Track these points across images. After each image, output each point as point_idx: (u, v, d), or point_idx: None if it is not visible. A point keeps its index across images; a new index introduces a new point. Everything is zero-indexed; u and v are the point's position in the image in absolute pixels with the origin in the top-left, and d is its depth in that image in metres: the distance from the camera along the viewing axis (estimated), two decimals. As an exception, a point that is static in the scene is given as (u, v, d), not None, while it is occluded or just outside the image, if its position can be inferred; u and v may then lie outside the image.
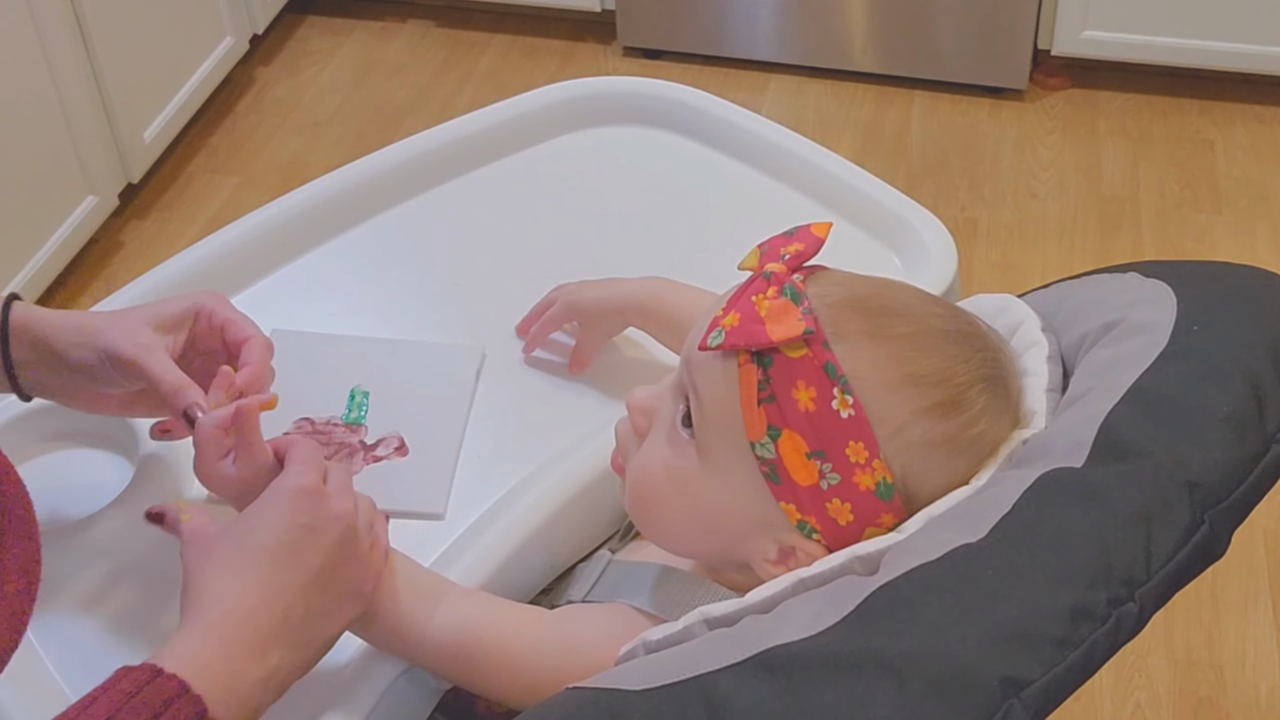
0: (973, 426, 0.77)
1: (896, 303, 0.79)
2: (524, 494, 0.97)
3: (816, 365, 0.74)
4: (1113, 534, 0.68)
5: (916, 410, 0.75)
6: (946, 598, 0.66)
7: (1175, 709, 1.68)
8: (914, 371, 0.76)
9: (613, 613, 0.84)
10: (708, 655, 0.69)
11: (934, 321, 0.79)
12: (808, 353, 0.74)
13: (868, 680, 0.63)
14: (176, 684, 0.72)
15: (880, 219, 1.21)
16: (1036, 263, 2.33)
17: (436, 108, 2.69)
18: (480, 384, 1.09)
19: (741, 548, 0.80)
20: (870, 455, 0.74)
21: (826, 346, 0.74)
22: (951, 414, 0.76)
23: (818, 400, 0.74)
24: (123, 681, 0.72)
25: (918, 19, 2.66)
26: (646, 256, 1.17)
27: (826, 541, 0.77)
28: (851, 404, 0.74)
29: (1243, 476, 0.72)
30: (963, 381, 0.77)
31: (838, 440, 0.74)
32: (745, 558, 0.80)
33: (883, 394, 0.75)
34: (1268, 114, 2.64)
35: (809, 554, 0.77)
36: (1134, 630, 0.67)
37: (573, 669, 0.77)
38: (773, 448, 0.75)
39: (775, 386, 0.74)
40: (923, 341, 0.77)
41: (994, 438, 0.78)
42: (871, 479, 0.75)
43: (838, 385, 0.74)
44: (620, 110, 1.36)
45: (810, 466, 0.75)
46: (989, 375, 0.78)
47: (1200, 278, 0.84)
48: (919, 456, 0.75)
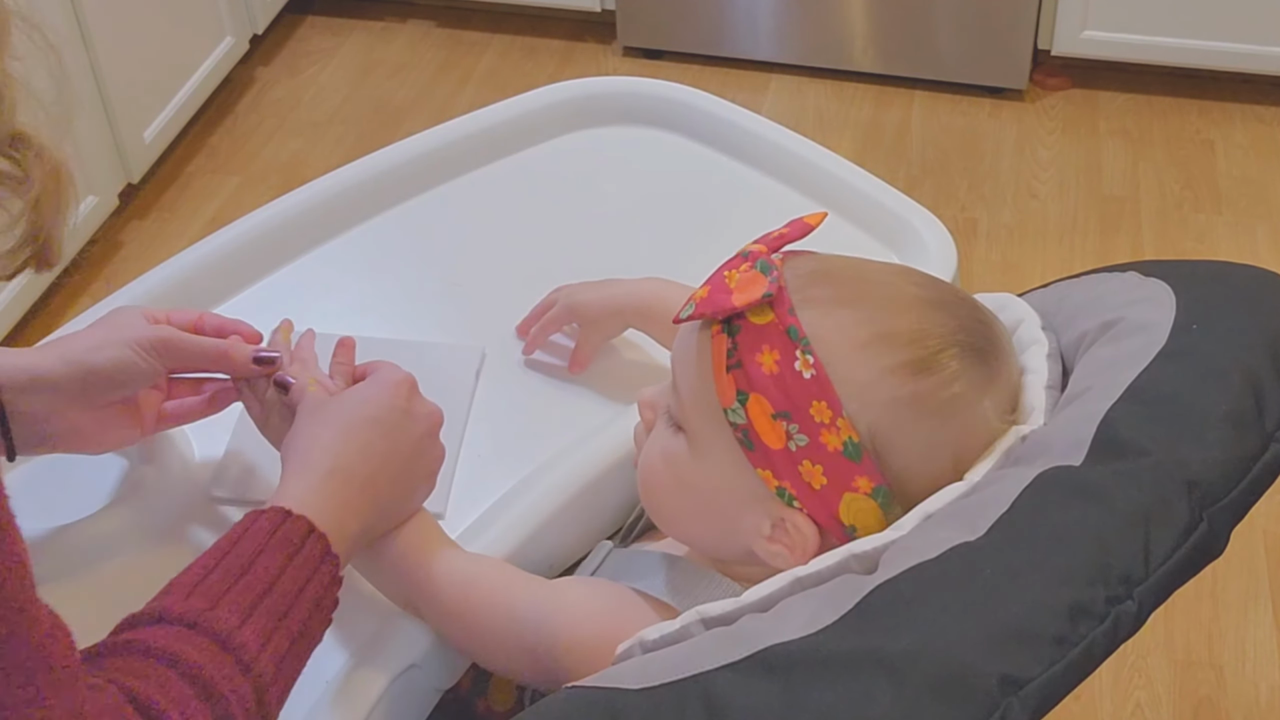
0: (946, 388, 0.77)
1: (872, 273, 0.81)
2: (524, 493, 0.97)
3: (780, 329, 0.76)
4: (1111, 532, 0.68)
5: (883, 369, 0.76)
6: (945, 596, 0.66)
7: (1175, 709, 1.68)
8: (882, 331, 0.77)
9: (616, 590, 0.85)
10: (706, 654, 0.69)
11: (910, 290, 0.80)
12: (773, 319, 0.77)
13: (866, 679, 0.63)
14: (305, 524, 0.80)
15: (880, 219, 1.21)
16: (1036, 263, 2.33)
17: (436, 108, 2.70)
18: (480, 384, 1.09)
19: (739, 528, 0.80)
20: (834, 414, 0.75)
21: (791, 312, 0.76)
22: (921, 373, 0.76)
23: (780, 363, 0.76)
24: (259, 521, 0.79)
25: (918, 19, 2.66)
26: (646, 256, 1.17)
27: (807, 509, 0.78)
28: (812, 364, 0.75)
29: (1241, 475, 0.72)
30: (936, 344, 0.77)
31: (801, 401, 0.76)
32: (745, 540, 0.81)
33: (847, 354, 0.76)
34: (1268, 114, 2.64)
35: (797, 527, 0.78)
36: (1133, 629, 0.67)
37: (570, 631, 0.81)
38: (743, 413, 0.77)
39: (742, 352, 0.77)
40: (895, 306, 0.78)
41: (974, 406, 0.78)
42: (838, 438, 0.75)
43: (799, 347, 0.76)
44: (620, 110, 1.36)
45: (778, 428, 0.76)
46: (968, 343, 0.78)
47: (1199, 277, 0.84)
48: (886, 415, 0.76)
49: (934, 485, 0.77)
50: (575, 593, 0.86)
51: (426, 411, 0.90)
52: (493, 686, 1.00)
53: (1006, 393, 0.80)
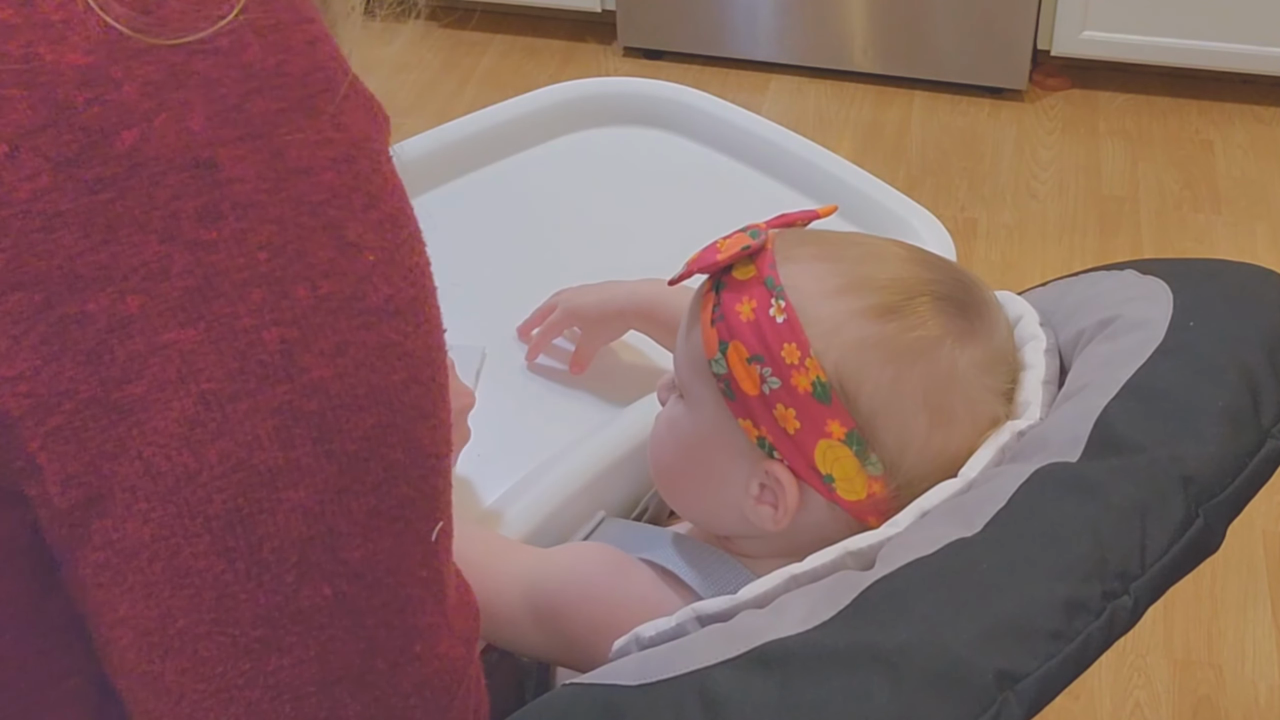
0: (911, 330, 0.78)
1: (859, 238, 0.84)
2: (524, 492, 0.97)
3: (759, 281, 0.79)
4: (1107, 527, 0.68)
5: (852, 310, 0.78)
6: (942, 591, 0.67)
7: (1175, 708, 1.68)
8: (857, 279, 0.79)
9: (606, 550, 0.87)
10: (703, 650, 0.69)
11: (894, 249, 0.82)
12: (754, 273, 0.79)
13: (863, 674, 0.63)
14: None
15: (880, 219, 1.21)
16: (1036, 263, 2.33)
17: (436, 108, 2.70)
18: (482, 383, 1.09)
19: (730, 490, 0.82)
20: (802, 355, 0.77)
21: (772, 266, 0.79)
22: (889, 315, 0.78)
23: (757, 310, 0.78)
24: None
25: (918, 19, 2.66)
26: (646, 257, 1.17)
27: (786, 459, 0.79)
28: (784, 308, 0.77)
29: (1237, 471, 0.72)
30: (909, 291, 0.79)
31: (774, 344, 0.77)
32: (736, 502, 0.82)
33: (820, 299, 0.78)
34: (1267, 114, 2.65)
35: (777, 479, 0.79)
36: (1128, 624, 0.67)
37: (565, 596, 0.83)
38: (724, 362, 0.79)
39: (724, 305, 0.80)
40: (875, 260, 0.81)
41: (944, 354, 0.78)
42: (806, 379, 0.77)
43: (774, 294, 0.78)
44: (620, 111, 1.36)
45: (752, 372, 0.78)
46: (944, 294, 0.79)
47: (1196, 275, 0.85)
48: (853, 355, 0.77)
49: (907, 434, 0.77)
50: (565, 558, 0.87)
51: (460, 390, 0.92)
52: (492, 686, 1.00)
53: (990, 353, 0.80)
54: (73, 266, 0.49)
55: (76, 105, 0.49)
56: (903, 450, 0.77)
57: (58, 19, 0.49)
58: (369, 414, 0.55)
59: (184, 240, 0.50)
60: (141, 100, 0.50)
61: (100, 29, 0.49)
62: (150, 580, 0.53)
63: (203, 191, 0.51)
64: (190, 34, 0.51)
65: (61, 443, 0.51)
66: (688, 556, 0.84)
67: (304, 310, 0.53)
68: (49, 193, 0.49)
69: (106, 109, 0.49)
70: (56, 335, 0.50)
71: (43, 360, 0.50)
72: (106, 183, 0.49)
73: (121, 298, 0.50)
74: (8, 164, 0.49)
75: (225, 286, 0.51)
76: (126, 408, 0.51)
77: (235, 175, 0.51)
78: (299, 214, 0.53)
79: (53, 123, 0.49)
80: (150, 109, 0.50)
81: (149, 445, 0.51)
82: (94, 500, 0.52)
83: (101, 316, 0.50)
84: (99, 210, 0.49)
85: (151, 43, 0.50)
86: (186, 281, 0.51)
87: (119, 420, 0.51)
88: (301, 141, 0.53)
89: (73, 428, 0.51)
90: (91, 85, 0.49)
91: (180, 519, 0.52)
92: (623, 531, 0.91)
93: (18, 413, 0.50)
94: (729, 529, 0.85)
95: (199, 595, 0.53)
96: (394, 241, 0.57)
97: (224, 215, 0.51)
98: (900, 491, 0.78)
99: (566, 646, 0.84)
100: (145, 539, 0.52)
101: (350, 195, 0.54)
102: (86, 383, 0.50)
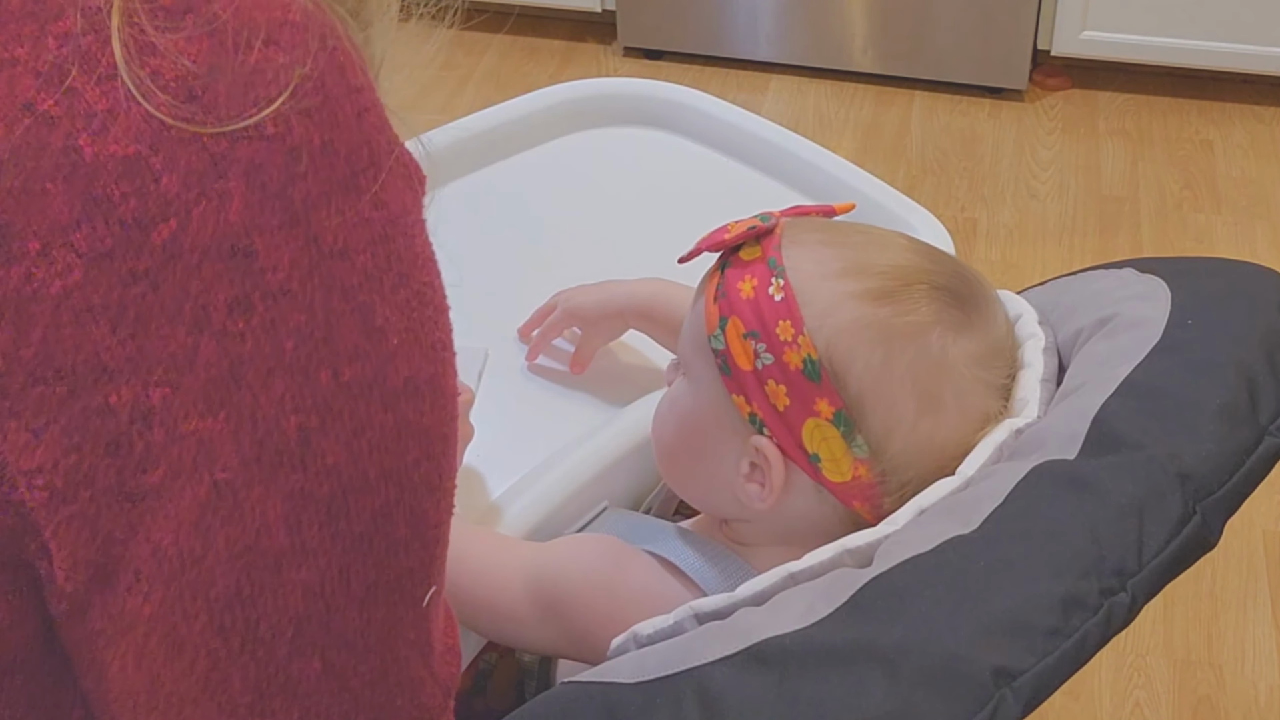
0: (904, 316, 0.79)
1: (866, 228, 0.85)
2: (524, 491, 0.97)
3: (763, 261, 0.81)
4: (1104, 524, 0.69)
5: (847, 293, 0.79)
6: (939, 589, 0.67)
7: (1174, 708, 1.68)
8: (857, 263, 0.80)
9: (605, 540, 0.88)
10: (701, 648, 0.69)
11: (899, 240, 0.83)
12: (759, 254, 0.81)
13: (860, 671, 0.64)
14: None
15: (880, 219, 1.21)
16: (1036, 263, 2.33)
17: (437, 108, 2.70)
18: (482, 384, 1.09)
19: (723, 467, 0.82)
20: (796, 332, 0.78)
21: (777, 248, 0.81)
22: (883, 299, 0.79)
23: (757, 288, 0.80)
24: None
25: (918, 19, 2.66)
26: (646, 257, 1.17)
27: (774, 436, 0.80)
28: (783, 286, 0.79)
29: (1235, 468, 0.72)
30: (906, 278, 0.80)
31: (769, 320, 0.79)
32: (729, 480, 0.82)
33: (819, 281, 0.79)
34: (1267, 114, 2.65)
35: (765, 455, 0.80)
36: (1126, 620, 0.67)
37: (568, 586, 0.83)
38: (722, 337, 0.80)
39: (727, 283, 0.81)
40: (877, 247, 0.82)
41: (936, 342, 0.79)
42: (798, 356, 0.78)
43: (775, 274, 0.80)
44: (621, 111, 1.37)
45: (747, 347, 0.79)
46: (941, 284, 0.80)
47: (1194, 273, 0.85)
48: (845, 335, 0.78)
49: (895, 419, 0.78)
50: (567, 549, 0.88)
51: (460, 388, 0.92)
52: (491, 686, 1.00)
53: (985, 345, 0.81)
54: (100, 359, 0.49)
55: (114, 199, 0.48)
56: (889, 434, 0.78)
57: (101, 109, 0.48)
58: (379, 494, 0.54)
59: (213, 331, 0.50)
60: (182, 191, 0.49)
61: (143, 119, 0.48)
62: (144, 649, 0.53)
63: (236, 281, 0.50)
64: (237, 121, 0.50)
65: (74, 530, 0.50)
66: (689, 548, 0.84)
67: (325, 397, 0.52)
68: (81, 288, 0.48)
69: (145, 201, 0.48)
70: (78, 427, 0.49)
71: (63, 452, 0.49)
72: (140, 275, 0.48)
73: (146, 390, 0.49)
74: (40, 261, 0.48)
75: (249, 376, 0.50)
76: (141, 495, 0.50)
77: (270, 264, 0.50)
78: (330, 299, 0.52)
79: (88, 217, 0.48)
80: (190, 199, 0.49)
81: (159, 530, 0.51)
82: (98, 579, 0.51)
83: (124, 409, 0.49)
84: (131, 303, 0.48)
85: (196, 131, 0.49)
86: (211, 372, 0.50)
87: (132, 507, 0.50)
88: (340, 224, 0.52)
89: (86, 516, 0.50)
90: (131, 178, 0.48)
91: (181, 600, 0.52)
92: (625, 522, 0.91)
93: (33, 504, 0.49)
94: (723, 511, 0.85)
95: (191, 666, 0.53)
96: (419, 320, 0.56)
97: (255, 306, 0.50)
98: (886, 477, 0.78)
99: (569, 638, 0.84)
100: (144, 615, 0.52)
101: (382, 277, 0.54)
102: (104, 473, 0.50)
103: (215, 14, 0.50)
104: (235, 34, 0.50)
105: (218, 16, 0.50)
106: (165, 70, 0.49)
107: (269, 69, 0.50)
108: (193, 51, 0.49)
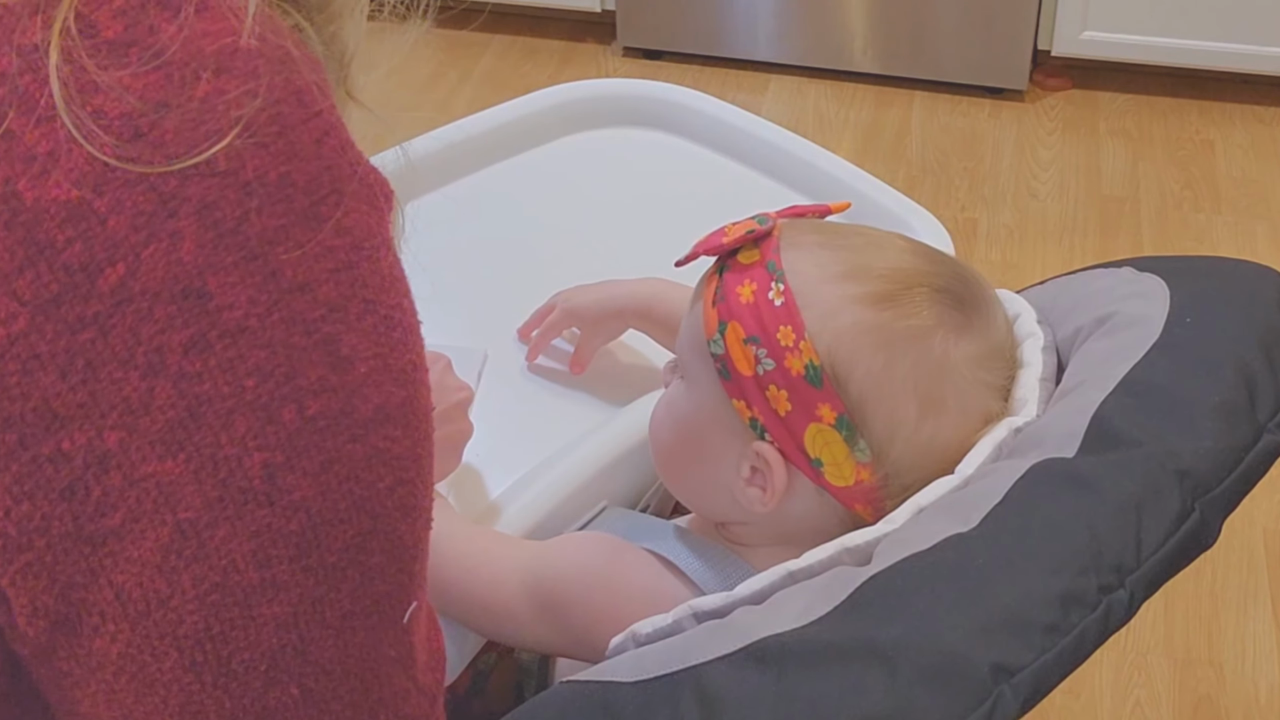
0: (905, 319, 0.78)
1: (864, 229, 0.85)
2: (524, 491, 0.97)
3: (761, 265, 0.80)
4: (1103, 521, 0.69)
5: (848, 296, 0.79)
6: (937, 586, 0.67)
7: (1175, 707, 1.68)
8: (857, 266, 0.80)
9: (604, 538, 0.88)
10: (700, 646, 0.69)
11: (898, 241, 0.83)
12: (758, 257, 0.81)
13: (859, 668, 0.64)
14: None
15: (880, 219, 1.21)
16: (1036, 263, 2.33)
17: (436, 108, 2.70)
18: (481, 384, 1.09)
19: (722, 471, 0.82)
20: (797, 337, 0.78)
21: (776, 251, 0.81)
22: (884, 303, 0.78)
23: (757, 293, 0.80)
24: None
25: (918, 19, 2.66)
26: (646, 258, 1.17)
27: (776, 441, 0.79)
28: (783, 291, 0.79)
29: (1233, 465, 0.72)
30: (907, 281, 0.79)
31: (770, 326, 0.79)
32: (728, 483, 0.82)
33: (819, 285, 0.79)
34: (1268, 114, 2.65)
35: (766, 460, 0.80)
36: (1124, 617, 0.67)
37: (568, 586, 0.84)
38: (722, 342, 0.80)
39: (726, 287, 0.81)
40: (876, 251, 0.81)
41: (937, 345, 0.78)
42: (800, 361, 0.77)
43: (774, 278, 0.79)
44: (620, 112, 1.37)
45: (748, 353, 0.79)
46: (941, 286, 0.80)
47: (1193, 272, 0.85)
48: (847, 340, 0.78)
49: (897, 423, 0.78)
50: (565, 548, 0.88)
51: (457, 385, 0.92)
52: (490, 687, 1.00)
53: (986, 347, 0.81)
54: (50, 407, 0.47)
55: (57, 244, 0.47)
56: (891, 437, 0.78)
57: (41, 151, 0.47)
58: (351, 525, 0.53)
59: (169, 374, 0.48)
60: (129, 234, 0.47)
61: (85, 161, 0.47)
62: (114, 688, 0.52)
63: (191, 322, 0.48)
64: (186, 158, 0.48)
65: (31, 577, 0.49)
66: (688, 547, 0.84)
67: (290, 433, 0.50)
68: (26, 336, 0.47)
69: (90, 245, 0.47)
70: (30, 475, 0.48)
71: (14, 500, 0.48)
72: (88, 321, 0.47)
73: (100, 434, 0.48)
74: None
75: (209, 416, 0.49)
76: (100, 539, 0.49)
77: (226, 302, 0.48)
78: (292, 335, 0.50)
79: (31, 263, 0.47)
80: (139, 241, 0.47)
81: (121, 573, 0.50)
82: (61, 624, 0.50)
83: (79, 455, 0.48)
84: (80, 350, 0.47)
85: (143, 171, 0.47)
86: (169, 414, 0.48)
87: (92, 552, 0.49)
88: (300, 257, 0.50)
89: (44, 563, 0.49)
90: (75, 222, 0.47)
91: (149, 640, 0.51)
92: (624, 521, 0.91)
93: None
94: (722, 513, 0.85)
95: (165, 702, 0.52)
96: (388, 345, 0.54)
97: (212, 345, 0.48)
98: (888, 481, 0.78)
99: (567, 636, 0.84)
100: (112, 656, 0.51)
101: (347, 306, 0.52)
102: (60, 519, 0.48)
103: (161, 47, 0.48)
104: (182, 67, 0.49)
105: (164, 50, 0.48)
106: (109, 109, 0.47)
107: (220, 101, 0.49)
108: (138, 88, 0.48)
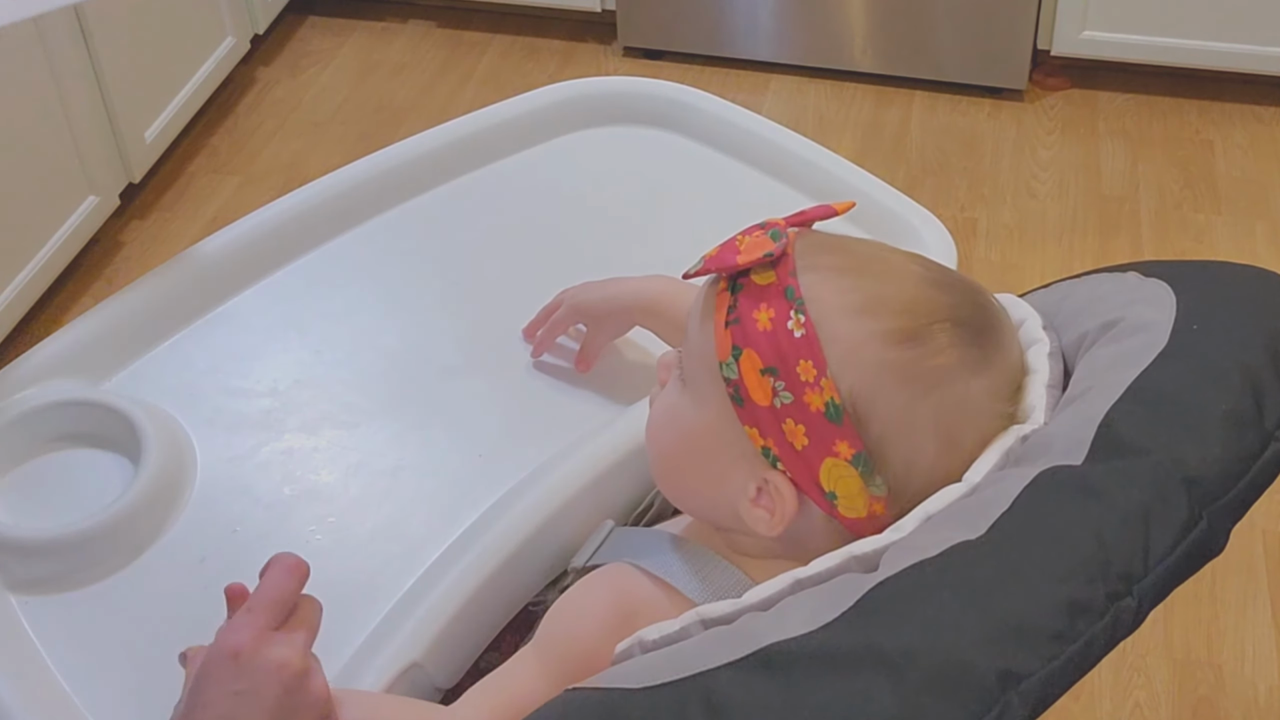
0: (930, 359, 0.77)
1: (880, 250, 0.83)
2: (529, 490, 0.97)
3: (779, 290, 0.78)
4: (1111, 530, 0.69)
5: (872, 334, 0.77)
6: (945, 593, 0.67)
7: (1174, 708, 1.68)
8: (877, 299, 0.78)
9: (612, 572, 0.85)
10: (706, 653, 0.69)
11: (915, 268, 0.81)
12: (774, 279, 0.78)
13: (866, 676, 0.63)
14: None
15: (880, 219, 1.21)
16: (1036, 263, 2.33)
17: (437, 108, 2.70)
18: (486, 381, 1.09)
19: (728, 487, 0.81)
20: (818, 374, 0.76)
21: (792, 274, 0.78)
22: (908, 341, 0.77)
23: (775, 320, 0.77)
24: None
25: (917, 19, 2.66)
26: (647, 256, 1.17)
27: (789, 471, 0.78)
28: (804, 323, 0.76)
29: (1241, 473, 0.72)
30: (928, 317, 0.78)
31: (790, 357, 0.76)
32: (733, 500, 0.81)
33: (839, 317, 0.77)
34: (1267, 114, 2.65)
35: (778, 490, 0.79)
36: (1132, 625, 0.67)
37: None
38: (735, 368, 0.78)
39: (740, 310, 0.78)
40: (896, 278, 0.79)
41: (960, 382, 0.78)
42: (820, 398, 0.76)
43: (794, 307, 0.77)
44: (620, 110, 1.36)
45: (765, 384, 0.77)
46: (963, 320, 0.78)
47: (1199, 277, 0.84)
48: (869, 378, 0.76)
49: (915, 460, 0.77)
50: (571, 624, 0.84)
51: (273, 667, 0.75)
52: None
53: (1003, 378, 0.80)
54: None
55: None
56: (909, 475, 0.77)
57: None
58: None
59: None
60: None
61: None
62: None
63: None
64: None
65: None
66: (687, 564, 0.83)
67: None
68: None
69: None
70: None
71: None
72: None
73: None
74: None
75: None
76: None
77: None
78: None
79: None
80: None
81: None
82: None
83: None
84: None
85: None
86: None
87: None
88: None
89: None
90: None
91: None
92: (631, 541, 0.90)
93: None
94: (723, 523, 0.85)
95: None
96: None
97: None
98: (902, 513, 0.77)
99: None
100: None
101: None
102: None
103: None
104: None
105: None
106: None
107: None
108: None
